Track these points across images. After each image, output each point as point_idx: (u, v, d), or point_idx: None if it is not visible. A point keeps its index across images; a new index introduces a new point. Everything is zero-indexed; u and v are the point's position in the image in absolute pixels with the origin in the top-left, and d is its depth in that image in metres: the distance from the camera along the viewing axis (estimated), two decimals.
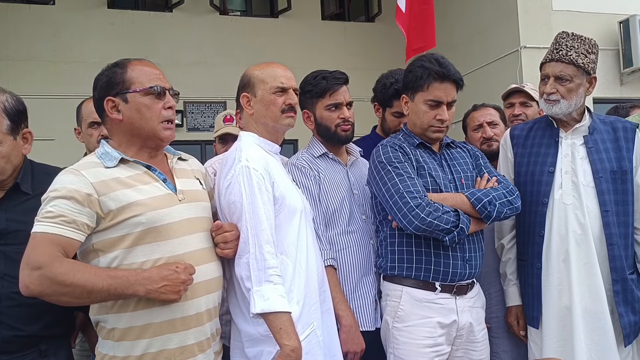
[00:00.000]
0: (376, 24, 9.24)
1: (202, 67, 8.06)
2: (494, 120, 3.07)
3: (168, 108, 1.93)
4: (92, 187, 1.78)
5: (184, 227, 1.88)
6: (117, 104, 1.89)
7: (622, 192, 2.46)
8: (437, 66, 2.37)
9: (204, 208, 2.02)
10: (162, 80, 1.94)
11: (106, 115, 1.91)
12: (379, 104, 3.03)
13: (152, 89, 1.90)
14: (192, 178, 2.05)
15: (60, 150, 5.21)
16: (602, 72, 7.07)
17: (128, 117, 1.89)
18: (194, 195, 1.99)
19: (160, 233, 1.82)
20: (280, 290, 1.91)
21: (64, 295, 1.70)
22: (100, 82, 1.93)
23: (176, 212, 1.88)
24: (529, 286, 2.56)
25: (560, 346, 2.44)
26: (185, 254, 1.86)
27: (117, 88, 1.89)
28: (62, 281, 1.67)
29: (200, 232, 1.94)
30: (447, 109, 2.40)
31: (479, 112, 3.13)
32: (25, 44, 7.58)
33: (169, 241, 1.84)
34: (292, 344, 1.87)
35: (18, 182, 2.02)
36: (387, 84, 2.93)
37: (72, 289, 1.68)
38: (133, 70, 1.91)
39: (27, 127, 2.06)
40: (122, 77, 1.89)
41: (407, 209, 2.24)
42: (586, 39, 2.50)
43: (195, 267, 1.86)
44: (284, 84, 2.19)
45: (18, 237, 1.93)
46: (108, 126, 1.96)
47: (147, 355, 1.81)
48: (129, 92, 1.88)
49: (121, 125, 1.91)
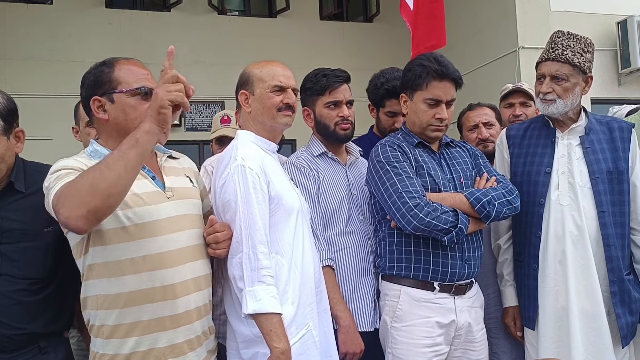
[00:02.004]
0: (374, 24, 9.24)
1: (200, 67, 8.04)
2: (489, 121, 3.06)
3: None
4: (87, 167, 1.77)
5: (172, 224, 1.88)
6: (104, 104, 1.88)
7: (619, 192, 2.47)
8: (436, 65, 2.36)
9: (194, 205, 2.02)
10: (150, 80, 1.92)
11: (93, 114, 1.91)
12: (372, 104, 3.03)
13: (139, 90, 1.88)
14: (182, 176, 2.04)
15: (58, 149, 5.16)
16: (600, 73, 7.08)
17: (114, 117, 1.88)
18: (184, 193, 1.98)
19: (148, 229, 1.82)
20: (272, 292, 1.90)
21: (110, 197, 1.61)
22: (87, 81, 1.92)
23: (164, 209, 1.87)
24: (525, 287, 2.56)
25: (557, 347, 2.44)
26: (174, 250, 1.86)
27: (104, 87, 1.88)
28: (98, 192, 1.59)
29: (189, 229, 1.94)
30: (446, 107, 2.40)
31: (474, 112, 3.10)
32: (22, 44, 7.56)
33: (157, 238, 1.83)
34: (282, 347, 1.86)
35: (12, 180, 2.02)
36: (378, 84, 2.92)
37: (111, 191, 1.60)
38: (120, 70, 1.89)
39: (19, 126, 2.06)
40: (109, 77, 1.88)
41: (405, 209, 2.24)
42: (582, 38, 2.50)
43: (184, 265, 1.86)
44: (282, 83, 2.18)
45: (13, 236, 1.94)
46: (96, 125, 1.96)
47: (136, 354, 1.80)
48: (115, 92, 1.87)
49: (107, 125, 1.90)
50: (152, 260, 1.82)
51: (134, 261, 1.80)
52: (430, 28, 3.67)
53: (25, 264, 1.95)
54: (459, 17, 7.79)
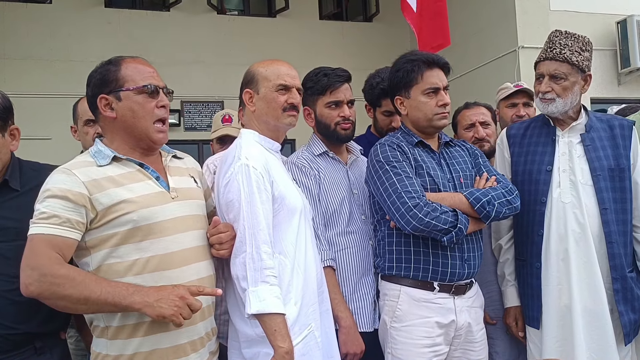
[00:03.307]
0: (374, 24, 9.23)
1: (199, 67, 8.04)
2: (486, 120, 3.04)
3: (161, 107, 1.92)
4: (84, 185, 1.77)
5: (176, 224, 1.87)
6: (111, 102, 1.88)
7: (620, 189, 2.46)
8: (422, 56, 2.43)
9: (198, 206, 2.01)
10: (156, 78, 1.93)
11: (99, 112, 1.91)
12: (369, 104, 3.03)
13: (146, 88, 1.88)
14: (186, 176, 2.04)
15: (57, 149, 5.19)
16: (600, 73, 7.08)
17: (121, 115, 1.88)
18: (188, 193, 1.98)
19: (153, 231, 1.81)
20: (276, 292, 1.90)
21: (62, 299, 1.69)
22: (93, 80, 1.92)
23: (169, 209, 1.87)
24: (529, 286, 2.55)
25: (560, 346, 2.43)
26: (178, 251, 1.85)
27: (111, 86, 1.88)
28: (61, 284, 1.67)
29: (193, 230, 1.93)
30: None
31: (471, 110, 3.08)
32: (21, 43, 7.55)
33: (162, 239, 1.83)
34: (286, 346, 1.86)
35: (7, 178, 2.02)
36: (373, 84, 2.92)
37: (70, 294, 1.68)
38: (127, 68, 1.90)
39: (14, 124, 2.05)
40: (116, 75, 1.88)
41: (404, 209, 2.23)
42: (580, 37, 2.50)
43: (188, 266, 1.86)
44: (286, 82, 2.17)
45: (9, 234, 1.94)
46: (101, 124, 1.95)
47: (139, 355, 1.80)
48: (122, 90, 1.87)
49: (115, 123, 1.90)
50: (156, 262, 1.81)
51: (138, 262, 1.80)
52: (434, 28, 3.66)
53: (20, 263, 1.94)
54: (458, 17, 7.77)
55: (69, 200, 1.74)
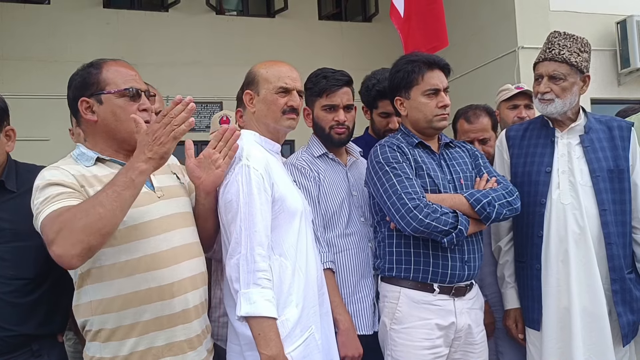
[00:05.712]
0: (373, 24, 9.24)
1: (198, 67, 8.04)
2: (485, 137, 2.99)
3: (143, 110, 1.90)
4: (75, 178, 1.76)
5: (164, 223, 1.87)
6: (92, 105, 1.86)
7: (620, 191, 2.47)
8: (423, 57, 2.43)
9: (185, 203, 2.01)
10: (138, 81, 1.92)
11: (80, 116, 1.89)
12: (366, 105, 3.02)
13: (127, 91, 1.87)
14: (168, 173, 2.03)
15: (55, 150, 5.15)
16: (600, 73, 7.08)
17: (103, 119, 1.86)
18: (173, 191, 1.97)
19: (141, 231, 1.80)
20: (267, 295, 1.88)
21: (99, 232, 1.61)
22: (74, 82, 1.90)
23: (156, 209, 1.86)
24: (529, 288, 2.54)
25: (560, 347, 2.43)
26: (168, 250, 1.84)
27: (92, 89, 1.86)
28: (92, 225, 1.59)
29: (182, 227, 1.92)
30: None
31: (472, 126, 2.98)
32: (20, 44, 7.55)
33: (151, 238, 1.82)
34: (270, 353, 1.84)
35: (3, 179, 2.01)
36: (369, 86, 2.91)
37: (98, 224, 1.60)
38: (108, 71, 1.88)
39: (9, 125, 2.04)
40: (97, 78, 1.86)
41: (405, 210, 2.22)
42: (578, 38, 2.51)
43: (179, 264, 1.84)
44: (287, 85, 2.16)
45: (5, 236, 1.93)
46: (83, 127, 1.93)
47: (134, 354, 1.79)
48: (103, 94, 1.86)
49: (96, 127, 1.89)
50: (147, 261, 1.80)
51: (129, 263, 1.79)
52: (429, 30, 3.66)
53: (16, 264, 1.94)
54: (458, 17, 7.78)
55: (65, 185, 1.73)
